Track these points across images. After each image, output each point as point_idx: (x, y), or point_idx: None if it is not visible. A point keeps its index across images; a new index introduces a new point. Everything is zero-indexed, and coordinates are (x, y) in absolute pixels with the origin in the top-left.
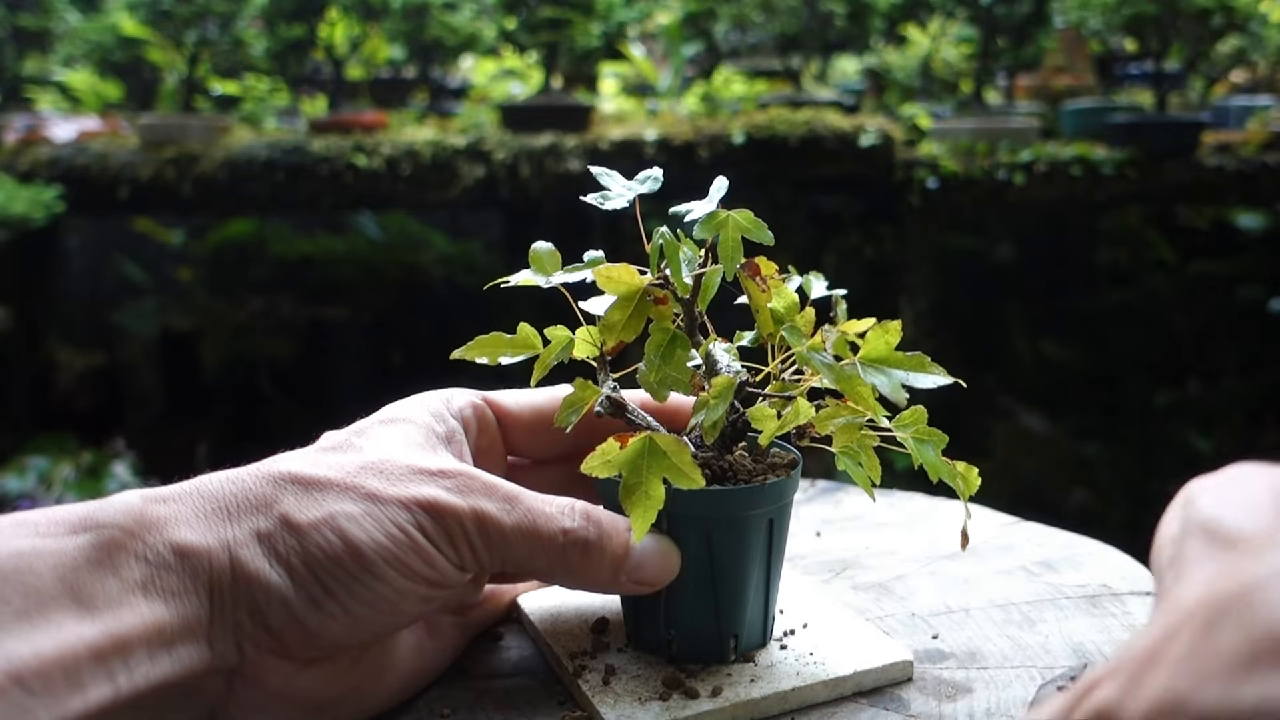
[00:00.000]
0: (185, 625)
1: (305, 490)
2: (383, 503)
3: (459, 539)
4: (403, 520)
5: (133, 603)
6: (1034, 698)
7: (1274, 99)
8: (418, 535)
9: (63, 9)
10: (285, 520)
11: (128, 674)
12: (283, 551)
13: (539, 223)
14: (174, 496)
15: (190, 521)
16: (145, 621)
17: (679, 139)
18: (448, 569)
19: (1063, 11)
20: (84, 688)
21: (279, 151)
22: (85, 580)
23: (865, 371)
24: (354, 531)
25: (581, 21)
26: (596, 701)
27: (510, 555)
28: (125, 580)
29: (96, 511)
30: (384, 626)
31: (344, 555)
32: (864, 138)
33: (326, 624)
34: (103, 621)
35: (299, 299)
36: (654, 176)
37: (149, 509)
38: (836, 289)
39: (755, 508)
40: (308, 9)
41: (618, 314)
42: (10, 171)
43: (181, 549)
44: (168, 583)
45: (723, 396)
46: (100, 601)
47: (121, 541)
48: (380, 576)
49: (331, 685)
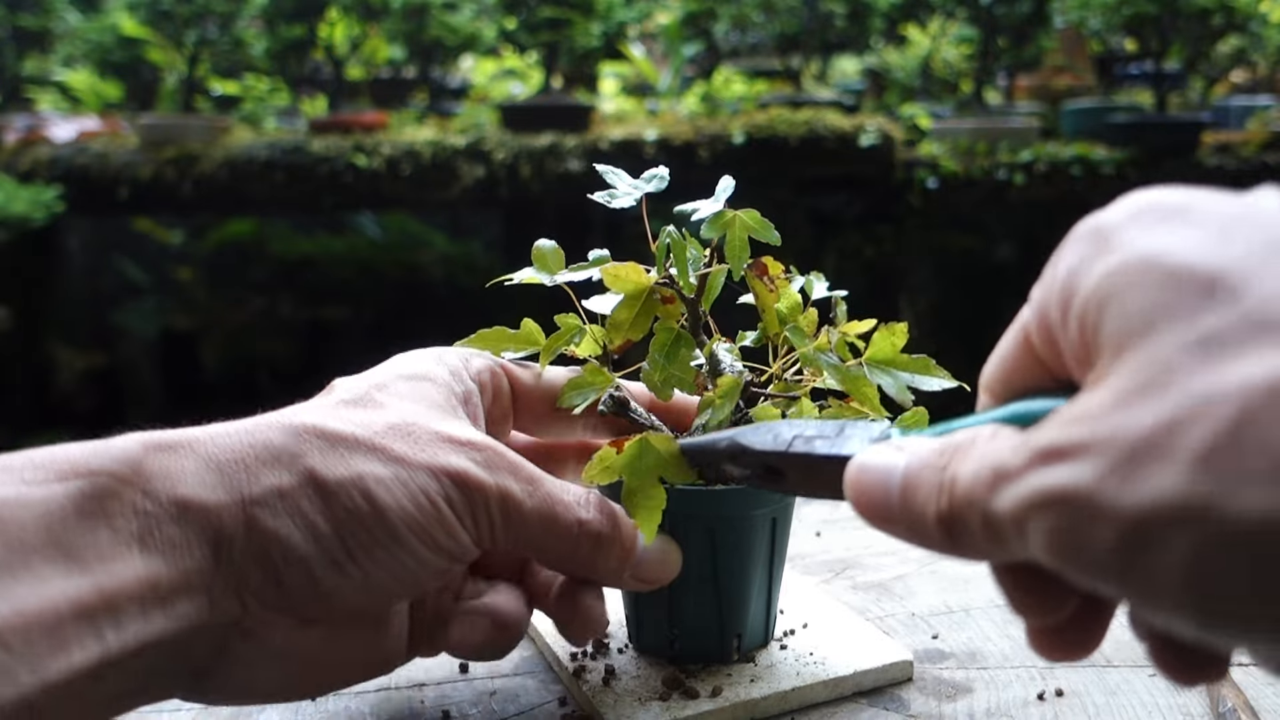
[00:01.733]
0: (184, 579)
1: (331, 446)
2: (412, 468)
3: (481, 515)
4: (431, 489)
5: (125, 556)
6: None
7: (1274, 99)
8: (444, 506)
9: (63, 9)
10: (311, 477)
11: (117, 632)
12: (307, 510)
13: (539, 222)
14: (182, 444)
15: (199, 475)
16: (139, 576)
17: (679, 139)
18: (467, 543)
19: (1063, 11)
20: (69, 646)
21: (279, 151)
22: (73, 531)
23: (871, 373)
24: (382, 495)
25: (581, 21)
26: (596, 701)
27: (526, 537)
28: (118, 531)
29: (90, 457)
30: (396, 593)
31: (370, 519)
32: (864, 138)
33: (342, 586)
34: (92, 576)
35: (299, 299)
36: (660, 175)
37: (151, 459)
38: (837, 290)
39: (759, 507)
40: (308, 9)
41: (624, 312)
42: (10, 171)
43: (185, 504)
44: (166, 534)
45: (729, 396)
46: (89, 554)
47: (116, 490)
48: (403, 544)
49: (327, 647)
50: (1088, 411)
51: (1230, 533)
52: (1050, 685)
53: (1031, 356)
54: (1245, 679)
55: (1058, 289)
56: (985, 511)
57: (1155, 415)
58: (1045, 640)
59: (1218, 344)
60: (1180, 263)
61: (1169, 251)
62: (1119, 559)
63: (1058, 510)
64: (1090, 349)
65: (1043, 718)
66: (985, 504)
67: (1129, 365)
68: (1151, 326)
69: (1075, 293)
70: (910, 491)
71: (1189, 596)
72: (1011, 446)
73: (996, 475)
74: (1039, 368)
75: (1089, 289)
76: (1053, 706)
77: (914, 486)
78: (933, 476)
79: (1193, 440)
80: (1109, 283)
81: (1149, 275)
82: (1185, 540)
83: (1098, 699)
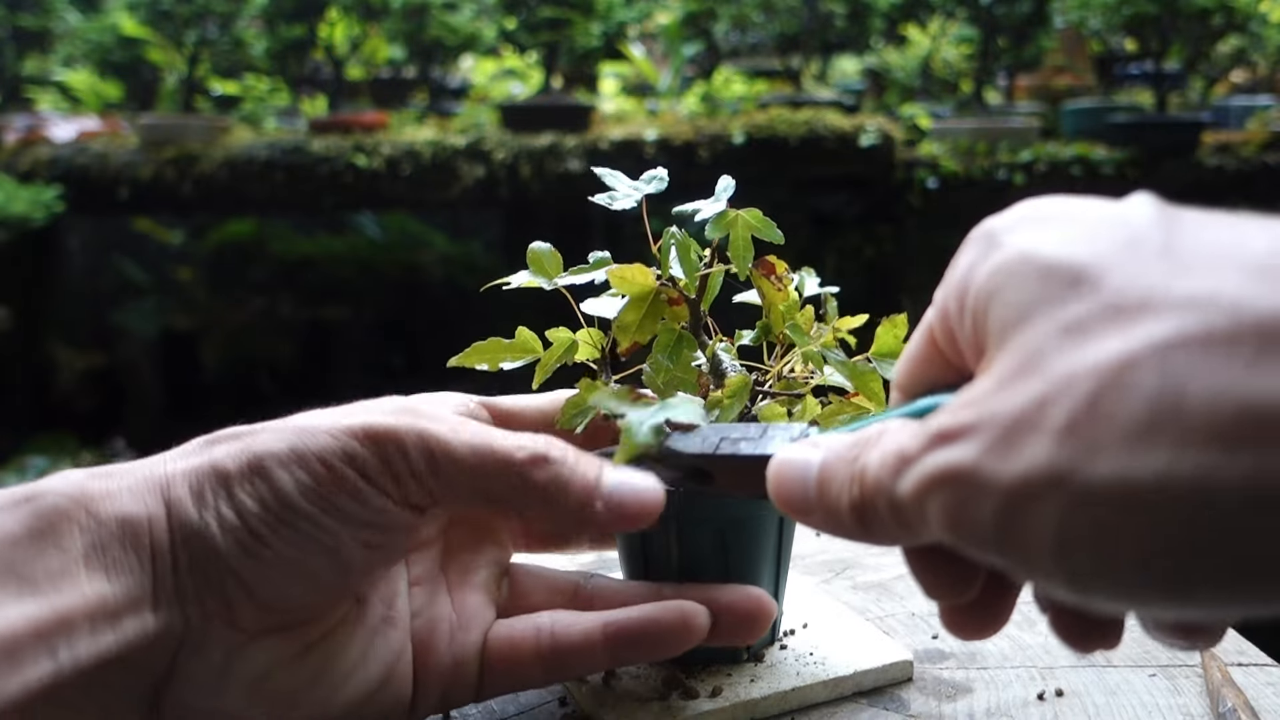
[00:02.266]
0: (129, 597)
1: (238, 438)
2: (310, 435)
3: (400, 465)
4: (329, 451)
5: (75, 577)
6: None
7: (1274, 99)
8: (344, 469)
9: (63, 9)
10: (215, 471)
11: (70, 650)
12: (212, 502)
13: (539, 223)
14: (117, 471)
15: (135, 491)
16: (87, 596)
17: (679, 139)
18: (385, 504)
19: (1063, 11)
20: (23, 667)
21: (279, 151)
22: (25, 555)
23: (880, 366)
24: (276, 471)
25: (581, 21)
26: (596, 701)
27: (463, 483)
28: (68, 552)
29: (38, 485)
30: (325, 582)
31: (269, 498)
32: (864, 138)
33: (264, 573)
34: (45, 598)
35: (299, 299)
36: (659, 176)
37: (93, 483)
38: (829, 287)
39: (767, 507)
40: (308, 9)
41: (632, 314)
42: (10, 171)
43: (124, 519)
44: (111, 553)
45: (738, 397)
46: (41, 576)
47: (65, 510)
48: (308, 518)
49: (282, 671)
50: (974, 396)
51: (1088, 496)
52: (1050, 685)
53: (936, 353)
54: (1245, 679)
55: (954, 287)
56: (891, 496)
57: (1027, 395)
58: (957, 619)
59: (1079, 329)
60: (1051, 258)
61: (1043, 248)
62: (1000, 530)
63: (949, 488)
64: (981, 340)
65: (1043, 718)
66: (890, 489)
67: (1008, 352)
68: (1027, 317)
69: (968, 290)
70: (825, 484)
71: (1060, 562)
72: (911, 433)
73: (899, 460)
74: (943, 364)
75: (979, 285)
76: (1053, 706)
77: (828, 479)
78: (845, 469)
79: (1057, 415)
80: (994, 279)
81: (1025, 269)
82: (1052, 507)
83: (1098, 699)
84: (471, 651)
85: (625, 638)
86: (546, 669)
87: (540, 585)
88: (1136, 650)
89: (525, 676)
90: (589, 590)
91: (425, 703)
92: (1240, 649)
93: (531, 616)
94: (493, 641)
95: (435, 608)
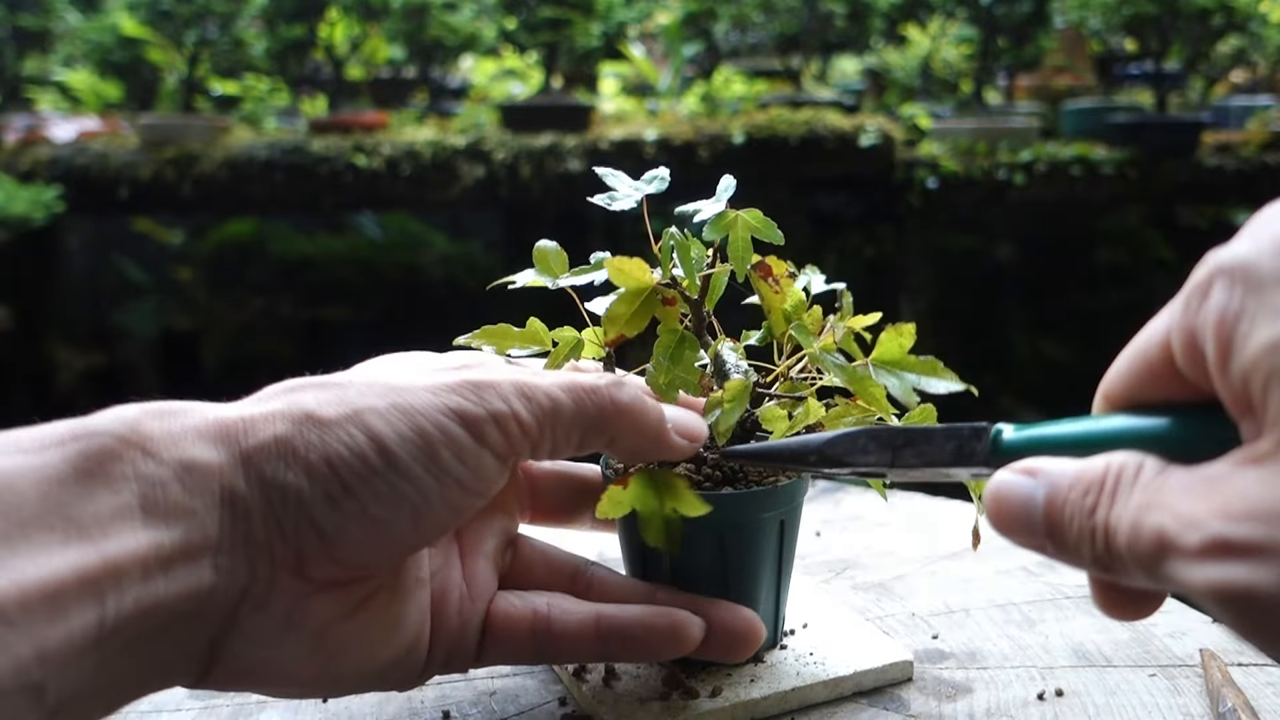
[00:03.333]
0: (188, 545)
1: (327, 388)
2: (411, 393)
3: (505, 416)
4: (433, 409)
5: (127, 520)
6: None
7: (1274, 99)
8: (452, 426)
9: (63, 9)
10: (308, 417)
11: (119, 600)
12: (302, 451)
13: (539, 223)
14: (180, 410)
15: (198, 436)
16: (141, 543)
17: (679, 139)
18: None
19: (1063, 11)
20: (68, 614)
21: (279, 151)
22: (73, 497)
23: (877, 373)
24: (377, 424)
25: (581, 21)
26: (596, 701)
27: (564, 419)
28: (119, 494)
29: (88, 423)
30: (406, 538)
31: (368, 449)
32: (864, 138)
33: (344, 526)
34: (94, 544)
35: (299, 299)
36: (660, 176)
37: (149, 423)
38: (837, 284)
39: (767, 510)
40: (308, 9)
41: (623, 307)
42: (10, 171)
43: (188, 464)
44: (169, 497)
45: (738, 401)
46: (89, 520)
47: (115, 451)
48: (404, 471)
49: (343, 624)
50: (1261, 507)
51: None
52: (1050, 685)
53: (1171, 370)
54: (1245, 679)
55: (1211, 330)
56: (1149, 570)
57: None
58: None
59: None
60: None
61: None
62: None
63: (1241, 603)
64: (1255, 410)
65: (1043, 718)
66: (1149, 566)
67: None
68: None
69: (1234, 346)
70: (1054, 523)
71: None
72: (1175, 515)
73: (1162, 545)
74: (1177, 381)
75: (1253, 355)
76: (1053, 706)
77: (1058, 519)
78: (1079, 515)
79: None
80: (1273, 360)
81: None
82: None
83: (1098, 699)
84: (476, 619)
85: (616, 635)
86: (538, 649)
87: (542, 561)
88: (1136, 650)
89: (518, 652)
90: (588, 576)
91: (431, 666)
92: (1240, 649)
93: (531, 595)
94: (493, 613)
95: (449, 571)
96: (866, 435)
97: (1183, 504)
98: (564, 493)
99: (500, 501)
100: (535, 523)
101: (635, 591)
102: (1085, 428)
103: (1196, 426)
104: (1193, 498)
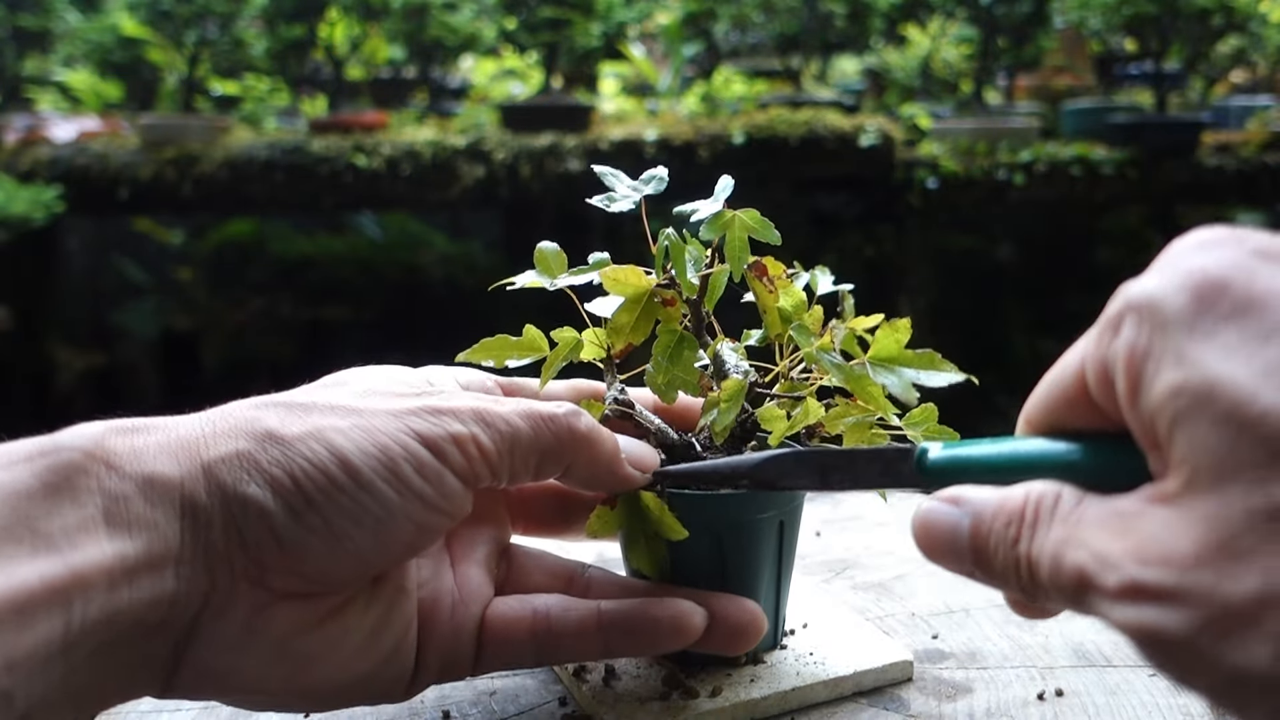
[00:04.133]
0: (150, 555)
1: (289, 409)
2: (373, 415)
3: (464, 438)
4: (395, 429)
5: (92, 532)
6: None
7: (1274, 99)
8: (413, 443)
9: (63, 9)
10: (270, 435)
11: (84, 609)
12: (265, 464)
13: (539, 223)
14: (143, 427)
15: (161, 451)
16: (105, 554)
17: (679, 139)
18: (451, 484)
19: (1063, 11)
20: (35, 625)
21: (279, 151)
22: (40, 510)
23: (875, 371)
24: (340, 441)
25: (581, 21)
26: (596, 701)
27: (523, 447)
28: (84, 508)
29: (55, 440)
30: (370, 554)
31: (330, 464)
32: (864, 138)
33: (306, 540)
34: (60, 555)
35: (299, 299)
36: (659, 177)
37: (114, 439)
38: (842, 284)
39: (766, 510)
40: (308, 9)
41: (625, 316)
42: (10, 171)
43: (149, 478)
44: (133, 511)
45: (734, 401)
46: (56, 532)
47: (82, 465)
48: (367, 487)
49: (305, 635)
50: (1171, 553)
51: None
52: (1050, 685)
53: (1085, 400)
54: None
55: (1121, 365)
56: (1072, 602)
57: (1243, 589)
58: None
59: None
60: (1248, 409)
61: (1236, 387)
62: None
63: (1156, 646)
64: (1160, 448)
65: (1043, 718)
66: (1072, 598)
67: (1204, 512)
68: (1222, 478)
69: (1141, 385)
70: (980, 551)
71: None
72: (1093, 553)
73: (1082, 582)
74: (1091, 411)
75: (1159, 398)
76: (1053, 706)
77: (983, 547)
78: (1003, 546)
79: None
80: (1176, 404)
81: (1214, 409)
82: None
83: (1098, 699)
84: (471, 625)
85: (619, 627)
86: (539, 649)
87: (538, 567)
88: None
89: (518, 655)
90: (585, 579)
91: (423, 676)
92: None
93: (529, 597)
94: (490, 618)
95: (439, 580)
96: (794, 459)
97: (1099, 541)
98: (554, 505)
99: (489, 512)
100: (529, 534)
101: (634, 588)
102: (1006, 449)
103: (1109, 455)
104: (1108, 534)
